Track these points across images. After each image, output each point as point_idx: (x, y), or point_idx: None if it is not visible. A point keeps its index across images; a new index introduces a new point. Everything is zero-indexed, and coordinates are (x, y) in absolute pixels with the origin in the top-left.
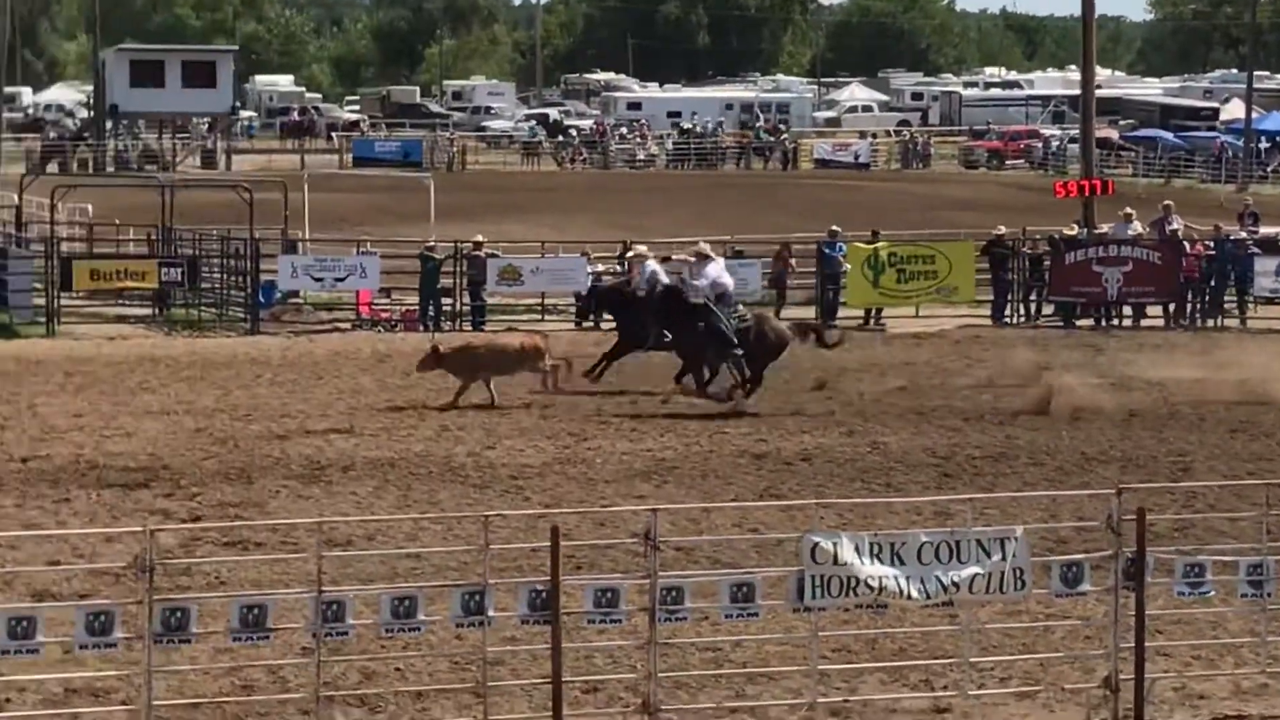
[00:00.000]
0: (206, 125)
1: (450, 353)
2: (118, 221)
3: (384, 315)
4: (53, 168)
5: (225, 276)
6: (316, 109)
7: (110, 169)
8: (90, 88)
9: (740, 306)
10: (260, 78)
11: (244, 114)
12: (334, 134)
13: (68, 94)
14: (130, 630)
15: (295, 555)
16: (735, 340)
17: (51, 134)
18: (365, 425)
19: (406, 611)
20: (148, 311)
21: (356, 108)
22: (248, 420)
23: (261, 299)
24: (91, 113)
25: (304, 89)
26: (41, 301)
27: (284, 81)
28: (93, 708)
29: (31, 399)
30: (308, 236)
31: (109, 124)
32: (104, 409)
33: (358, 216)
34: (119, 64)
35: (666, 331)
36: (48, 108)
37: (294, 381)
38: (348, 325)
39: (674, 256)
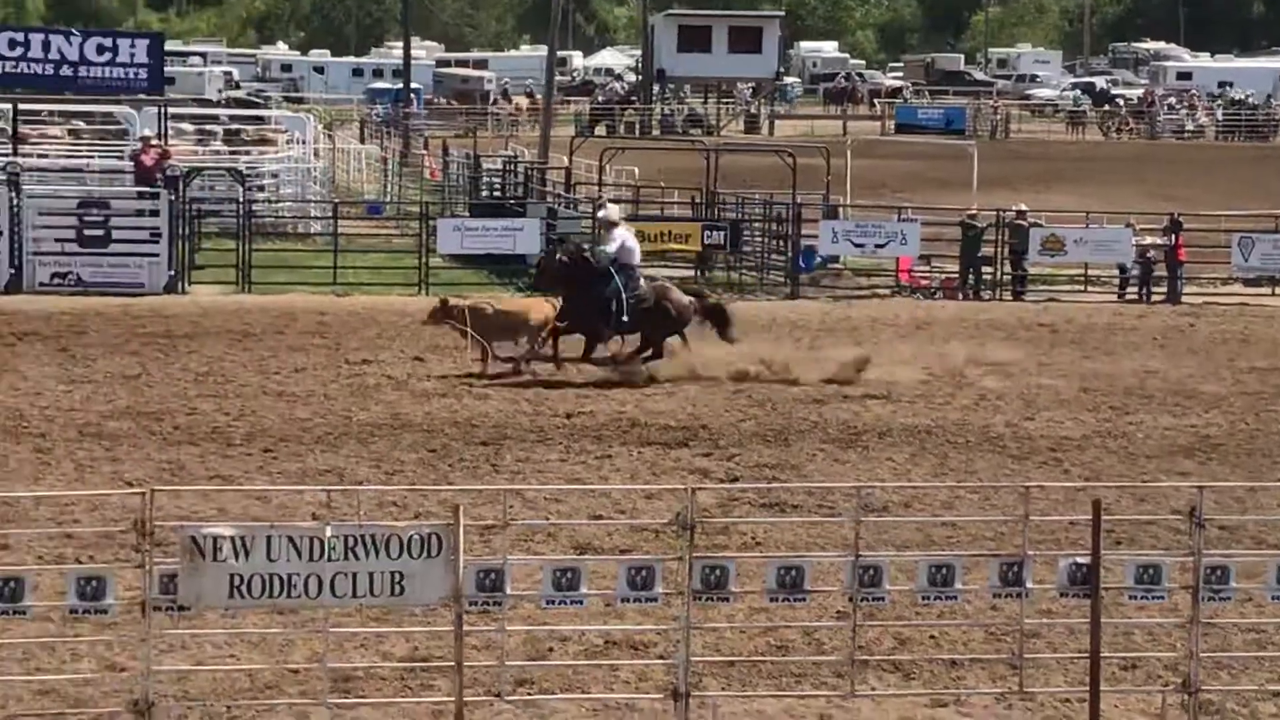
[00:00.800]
0: (751, 90)
1: (458, 309)
2: (663, 184)
3: (923, 282)
4: (601, 130)
5: (766, 240)
6: (860, 75)
7: (656, 132)
8: (638, 52)
9: (642, 281)
10: (805, 44)
11: (788, 80)
12: (876, 101)
13: (616, 58)
14: (670, 586)
15: (831, 519)
16: (625, 318)
17: (600, 97)
18: (902, 392)
19: (944, 580)
20: (689, 273)
21: (900, 74)
22: (786, 383)
23: (801, 263)
24: (639, 77)
25: (848, 55)
26: None
27: (828, 48)
28: (631, 660)
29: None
30: (849, 202)
31: (656, 88)
32: None
33: (899, 183)
34: (667, 29)
35: (563, 297)
36: (597, 71)
37: (831, 346)
38: (887, 291)
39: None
